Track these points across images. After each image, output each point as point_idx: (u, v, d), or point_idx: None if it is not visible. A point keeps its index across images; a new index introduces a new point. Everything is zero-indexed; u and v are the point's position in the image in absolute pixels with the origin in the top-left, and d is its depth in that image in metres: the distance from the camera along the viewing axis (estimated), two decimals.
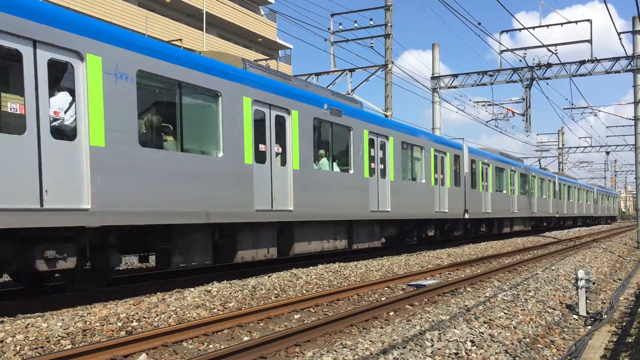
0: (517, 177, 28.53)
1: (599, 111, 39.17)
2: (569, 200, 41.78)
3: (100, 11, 36.07)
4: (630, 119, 32.89)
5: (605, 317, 8.13)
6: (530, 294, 9.04)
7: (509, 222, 28.24)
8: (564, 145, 54.67)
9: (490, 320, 7.03)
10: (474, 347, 5.85)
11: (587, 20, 23.09)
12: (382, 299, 9.60)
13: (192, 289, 9.15)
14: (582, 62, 23.74)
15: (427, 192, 18.39)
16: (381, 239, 16.79)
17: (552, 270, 12.34)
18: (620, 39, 20.20)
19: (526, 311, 7.79)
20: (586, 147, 52.58)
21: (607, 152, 59.20)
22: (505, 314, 7.47)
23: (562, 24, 23.55)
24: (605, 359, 6.16)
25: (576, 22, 23.45)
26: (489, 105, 30.89)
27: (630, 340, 6.84)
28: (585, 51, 25.01)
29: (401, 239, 18.48)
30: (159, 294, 8.83)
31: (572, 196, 42.78)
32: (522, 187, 29.30)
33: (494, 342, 6.16)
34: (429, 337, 6.00)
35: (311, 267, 12.31)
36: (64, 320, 6.96)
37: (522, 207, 29.07)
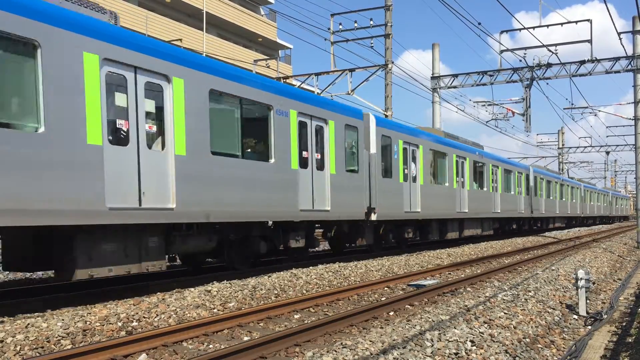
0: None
1: (599, 111, 39.27)
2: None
3: None
4: (630, 119, 32.90)
5: (605, 317, 8.13)
6: (530, 294, 9.03)
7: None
8: (564, 145, 54.68)
9: (490, 320, 7.03)
10: (474, 347, 5.85)
11: (587, 20, 23.10)
12: (382, 299, 9.60)
13: (192, 289, 9.14)
14: (582, 62, 23.74)
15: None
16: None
17: (552, 270, 12.34)
18: (620, 39, 20.22)
19: (526, 311, 7.79)
20: (586, 147, 52.61)
21: (607, 152, 59.19)
22: (505, 314, 7.47)
23: (562, 24, 23.57)
24: (605, 359, 6.16)
25: (576, 22, 23.46)
26: (489, 105, 30.90)
27: (630, 340, 6.84)
28: (585, 51, 25.03)
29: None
30: (159, 294, 8.84)
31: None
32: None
33: (494, 342, 6.16)
34: (429, 337, 6.00)
35: (311, 267, 12.31)
36: (64, 320, 6.96)
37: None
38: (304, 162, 12.61)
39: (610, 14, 12.12)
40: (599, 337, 7.09)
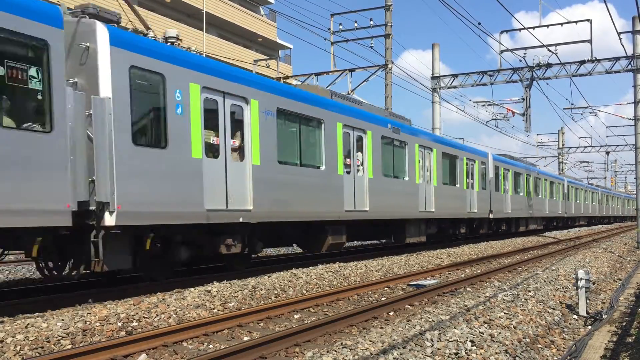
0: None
1: (599, 111, 39.26)
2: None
3: None
4: (630, 119, 32.90)
5: (605, 317, 8.13)
6: (530, 294, 9.03)
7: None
8: (564, 145, 54.69)
9: (490, 320, 7.03)
10: (474, 347, 5.85)
11: (587, 20, 23.10)
12: (382, 299, 9.60)
13: (192, 289, 9.14)
14: (582, 62, 23.74)
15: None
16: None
17: (552, 270, 12.34)
18: (620, 39, 20.23)
19: (526, 311, 7.79)
20: (586, 147, 52.58)
21: (607, 152, 59.14)
22: (505, 314, 7.47)
23: (562, 24, 23.58)
24: (605, 359, 6.16)
25: (576, 22, 23.47)
26: (489, 105, 30.90)
27: (630, 340, 6.84)
28: (585, 51, 25.04)
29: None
30: (159, 294, 8.84)
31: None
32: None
33: (494, 342, 6.16)
34: (429, 337, 6.00)
35: (311, 267, 12.31)
36: (64, 320, 6.96)
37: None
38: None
39: (610, 14, 12.13)
40: (599, 337, 7.09)
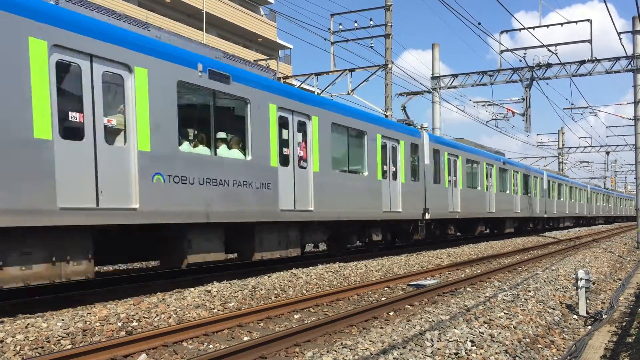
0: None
1: (599, 111, 39.22)
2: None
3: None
4: (630, 119, 32.90)
5: (605, 317, 8.12)
6: (530, 294, 9.03)
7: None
8: (564, 145, 54.68)
9: (490, 320, 7.03)
10: (474, 347, 5.85)
11: (587, 20, 23.08)
12: (382, 299, 9.60)
13: (192, 289, 9.15)
14: (582, 62, 23.73)
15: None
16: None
17: (552, 270, 12.34)
18: (620, 38, 20.20)
19: (526, 311, 7.79)
20: (586, 147, 52.57)
21: (607, 152, 59.11)
22: (505, 314, 7.47)
23: (562, 24, 23.57)
24: (605, 359, 6.16)
25: (576, 22, 23.45)
26: (489, 105, 30.89)
27: (630, 340, 6.84)
28: (585, 51, 25.03)
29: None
30: (159, 294, 8.84)
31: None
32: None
33: (494, 342, 6.16)
34: (429, 337, 6.00)
35: (311, 267, 12.32)
36: (64, 320, 6.96)
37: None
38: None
39: (610, 14, 12.12)
40: (599, 337, 7.09)
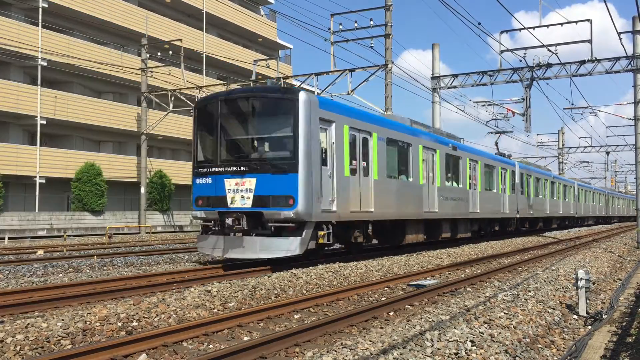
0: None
1: (599, 111, 39.25)
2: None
3: (100, 11, 36.06)
4: (630, 119, 32.90)
5: (605, 317, 8.12)
6: (530, 294, 9.03)
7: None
8: (564, 145, 54.70)
9: (490, 320, 7.03)
10: (474, 347, 5.85)
11: (587, 20, 23.09)
12: (382, 299, 9.60)
13: (192, 289, 9.15)
14: (582, 62, 23.74)
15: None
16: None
17: (552, 270, 12.34)
18: (620, 38, 20.20)
19: (526, 311, 7.79)
20: (586, 147, 52.65)
21: (607, 152, 59.17)
22: (505, 314, 7.47)
23: (562, 24, 23.58)
24: (605, 359, 6.16)
25: (576, 22, 23.46)
26: (489, 105, 30.91)
27: (630, 340, 6.84)
28: (585, 51, 25.03)
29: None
30: (159, 294, 8.84)
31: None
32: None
33: (494, 342, 6.16)
34: (429, 337, 6.00)
35: (311, 267, 12.31)
36: (64, 320, 6.96)
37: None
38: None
39: (610, 14, 12.12)
40: (599, 337, 7.09)
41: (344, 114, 13.56)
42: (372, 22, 23.78)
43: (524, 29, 23.06)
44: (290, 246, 11.81)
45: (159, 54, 33.46)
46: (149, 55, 33.36)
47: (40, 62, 31.70)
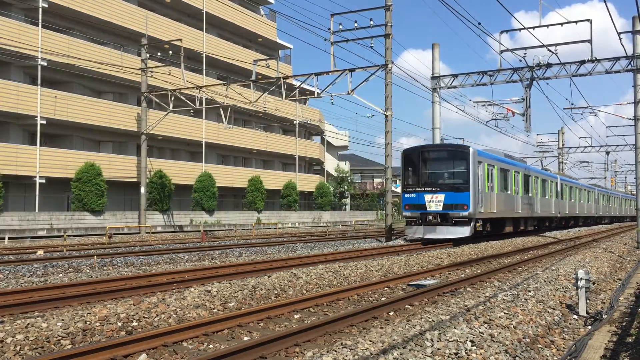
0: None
1: (599, 111, 39.21)
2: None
3: (100, 11, 36.06)
4: (630, 119, 32.90)
5: (605, 317, 8.12)
6: (530, 294, 9.03)
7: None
8: (564, 145, 54.68)
9: (490, 320, 7.03)
10: (474, 347, 5.85)
11: (587, 20, 23.06)
12: (382, 299, 9.60)
13: (192, 289, 9.15)
14: (582, 62, 23.73)
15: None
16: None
17: (552, 270, 12.33)
18: (620, 38, 20.15)
19: (526, 311, 7.79)
20: (586, 147, 52.55)
21: (607, 152, 59.07)
22: (505, 314, 7.47)
23: (562, 23, 23.52)
24: (605, 359, 6.16)
25: (576, 22, 23.41)
26: (489, 105, 30.87)
27: (630, 340, 6.84)
28: (585, 51, 25.02)
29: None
30: (159, 294, 8.84)
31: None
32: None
33: (494, 342, 6.16)
34: (429, 337, 6.00)
35: (311, 267, 12.32)
36: (64, 320, 6.96)
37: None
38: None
39: (610, 14, 12.10)
40: (599, 337, 7.09)
41: (485, 157, 22.38)
42: (372, 22, 23.77)
43: (524, 29, 23.05)
44: (464, 231, 20.62)
45: (159, 54, 33.45)
46: (149, 55, 33.36)
47: (40, 62, 31.69)
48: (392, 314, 8.53)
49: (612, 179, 77.51)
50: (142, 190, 33.20)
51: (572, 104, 40.31)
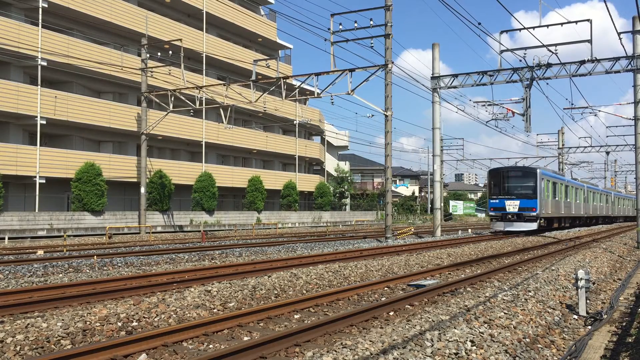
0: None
1: (599, 111, 39.26)
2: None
3: (100, 11, 36.06)
4: (630, 119, 32.95)
5: (605, 317, 8.12)
6: (530, 294, 9.03)
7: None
8: (564, 145, 54.68)
9: (490, 320, 7.03)
10: (474, 347, 5.85)
11: (587, 20, 23.05)
12: (382, 299, 9.60)
13: (192, 289, 9.15)
14: (582, 62, 23.73)
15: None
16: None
17: (552, 270, 12.33)
18: (620, 38, 20.11)
19: (526, 311, 7.79)
20: (586, 147, 52.55)
21: (607, 152, 59.06)
22: (505, 314, 7.47)
23: (562, 23, 23.52)
24: (605, 359, 6.16)
25: (576, 22, 23.41)
26: (489, 105, 30.87)
27: (630, 340, 6.84)
28: (585, 51, 25.03)
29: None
30: (159, 294, 8.84)
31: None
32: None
33: (494, 342, 6.16)
34: (429, 337, 6.00)
35: (311, 267, 12.32)
36: (64, 320, 6.96)
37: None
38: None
39: (610, 14, 12.08)
40: (599, 337, 7.09)
41: (544, 174, 30.12)
42: (372, 22, 23.76)
43: (524, 29, 23.04)
44: (532, 226, 28.75)
45: (159, 54, 33.45)
46: (149, 55, 33.35)
47: (40, 62, 31.68)
48: (392, 314, 8.53)
49: (612, 179, 77.48)
50: (142, 190, 33.20)
51: (572, 104, 40.39)
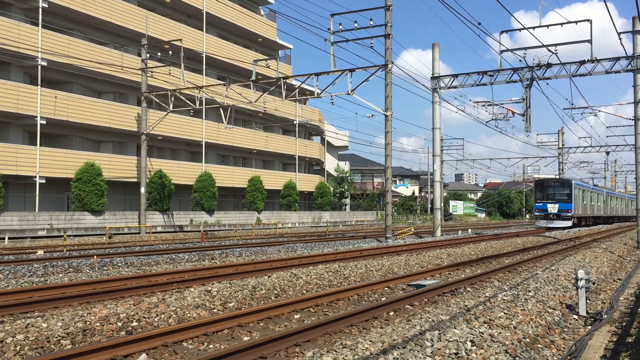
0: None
1: (599, 111, 39.36)
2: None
3: (100, 11, 36.06)
4: (630, 119, 32.92)
5: (605, 317, 8.13)
6: (530, 294, 9.03)
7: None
8: (564, 145, 54.68)
9: (490, 320, 7.03)
10: (474, 347, 5.85)
11: (587, 20, 23.05)
12: (382, 299, 9.60)
13: (192, 289, 9.15)
14: (582, 62, 23.73)
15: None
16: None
17: (552, 270, 12.34)
18: (620, 38, 20.10)
19: (526, 311, 7.79)
20: (586, 147, 52.54)
21: (607, 152, 59.03)
22: (505, 314, 7.47)
23: (562, 24, 23.51)
24: (605, 359, 6.16)
25: (576, 22, 23.40)
26: (489, 105, 30.86)
27: (630, 340, 6.84)
28: (585, 51, 25.01)
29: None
30: (159, 294, 8.84)
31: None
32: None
33: (494, 342, 6.16)
34: (429, 337, 6.00)
35: (311, 267, 12.32)
36: (64, 320, 6.96)
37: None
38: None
39: (610, 14, 12.09)
40: (599, 337, 7.09)
41: (580, 186, 39.38)
42: (372, 22, 23.76)
43: (524, 29, 23.04)
44: (568, 223, 37.39)
45: (159, 54, 33.44)
46: (149, 55, 33.35)
47: (40, 62, 31.68)
48: (392, 314, 8.53)
49: (612, 179, 77.50)
50: (142, 190, 33.20)
51: (572, 104, 40.35)
